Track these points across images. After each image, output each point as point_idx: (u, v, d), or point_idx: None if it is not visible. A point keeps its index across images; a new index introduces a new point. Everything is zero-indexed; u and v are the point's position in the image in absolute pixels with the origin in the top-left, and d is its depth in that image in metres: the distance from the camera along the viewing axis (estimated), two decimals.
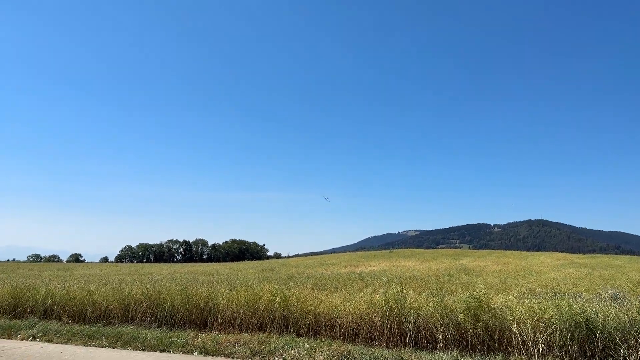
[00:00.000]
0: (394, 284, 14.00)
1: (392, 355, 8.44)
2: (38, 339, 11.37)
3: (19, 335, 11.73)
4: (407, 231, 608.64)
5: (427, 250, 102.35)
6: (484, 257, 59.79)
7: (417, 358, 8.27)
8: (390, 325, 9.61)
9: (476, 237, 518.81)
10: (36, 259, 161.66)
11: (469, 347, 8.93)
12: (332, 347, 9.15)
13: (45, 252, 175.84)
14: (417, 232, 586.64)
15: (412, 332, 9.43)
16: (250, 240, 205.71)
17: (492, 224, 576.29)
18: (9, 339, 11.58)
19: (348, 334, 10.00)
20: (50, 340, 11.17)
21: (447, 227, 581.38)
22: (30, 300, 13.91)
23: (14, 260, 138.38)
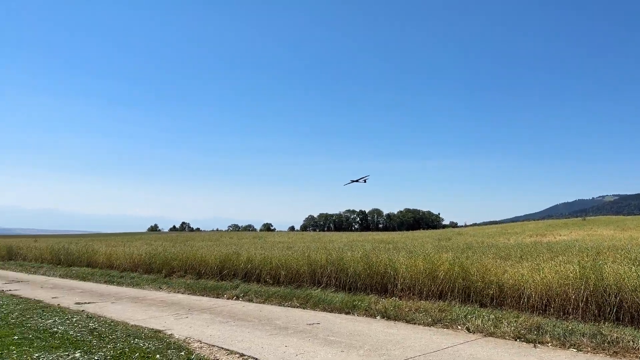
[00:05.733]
0: (589, 254, 12.67)
1: (589, 330, 7.68)
2: (240, 299, 13.00)
3: (225, 295, 13.55)
4: (603, 196, 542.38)
5: (628, 217, 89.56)
6: None
7: (619, 334, 7.40)
8: (587, 298, 8.73)
9: None
10: (235, 228, 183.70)
11: None
12: (520, 319, 8.68)
13: (242, 222, 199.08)
14: (616, 197, 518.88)
15: (613, 306, 8.44)
16: (425, 209, 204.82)
17: None
18: (217, 297, 13.46)
19: (537, 306, 9.34)
20: (250, 300, 12.68)
21: None
22: (233, 265, 15.88)
23: (217, 229, 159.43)
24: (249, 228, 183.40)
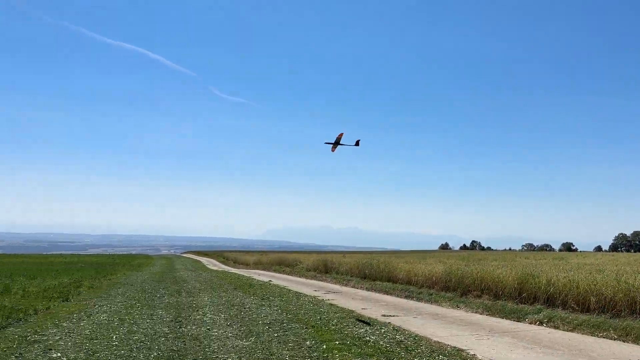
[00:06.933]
0: None
1: None
2: (544, 325, 12.09)
3: (526, 319, 12.83)
4: None
5: None
6: None
7: None
8: None
9: None
10: (529, 247, 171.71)
11: None
12: None
13: (537, 242, 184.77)
14: None
15: None
16: None
17: None
18: (517, 321, 12.83)
19: None
20: (556, 327, 11.67)
21: None
22: (532, 287, 14.93)
23: (510, 249, 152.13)
24: (545, 248, 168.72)
